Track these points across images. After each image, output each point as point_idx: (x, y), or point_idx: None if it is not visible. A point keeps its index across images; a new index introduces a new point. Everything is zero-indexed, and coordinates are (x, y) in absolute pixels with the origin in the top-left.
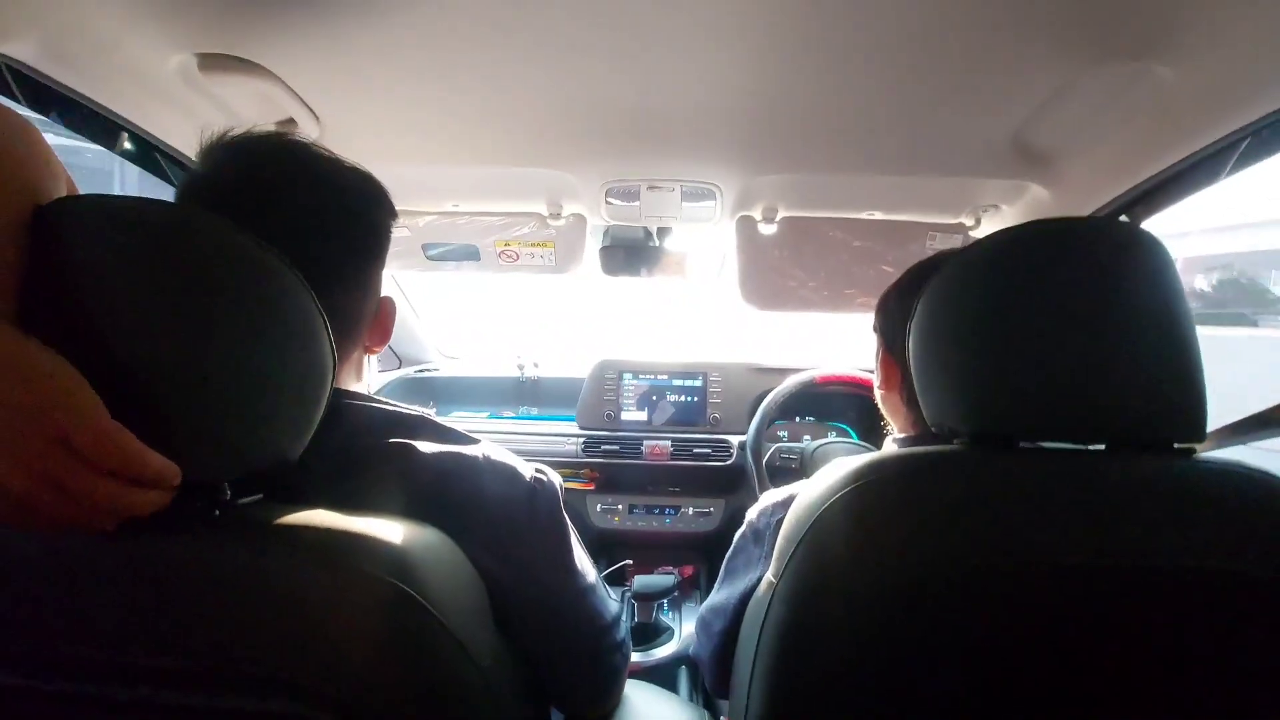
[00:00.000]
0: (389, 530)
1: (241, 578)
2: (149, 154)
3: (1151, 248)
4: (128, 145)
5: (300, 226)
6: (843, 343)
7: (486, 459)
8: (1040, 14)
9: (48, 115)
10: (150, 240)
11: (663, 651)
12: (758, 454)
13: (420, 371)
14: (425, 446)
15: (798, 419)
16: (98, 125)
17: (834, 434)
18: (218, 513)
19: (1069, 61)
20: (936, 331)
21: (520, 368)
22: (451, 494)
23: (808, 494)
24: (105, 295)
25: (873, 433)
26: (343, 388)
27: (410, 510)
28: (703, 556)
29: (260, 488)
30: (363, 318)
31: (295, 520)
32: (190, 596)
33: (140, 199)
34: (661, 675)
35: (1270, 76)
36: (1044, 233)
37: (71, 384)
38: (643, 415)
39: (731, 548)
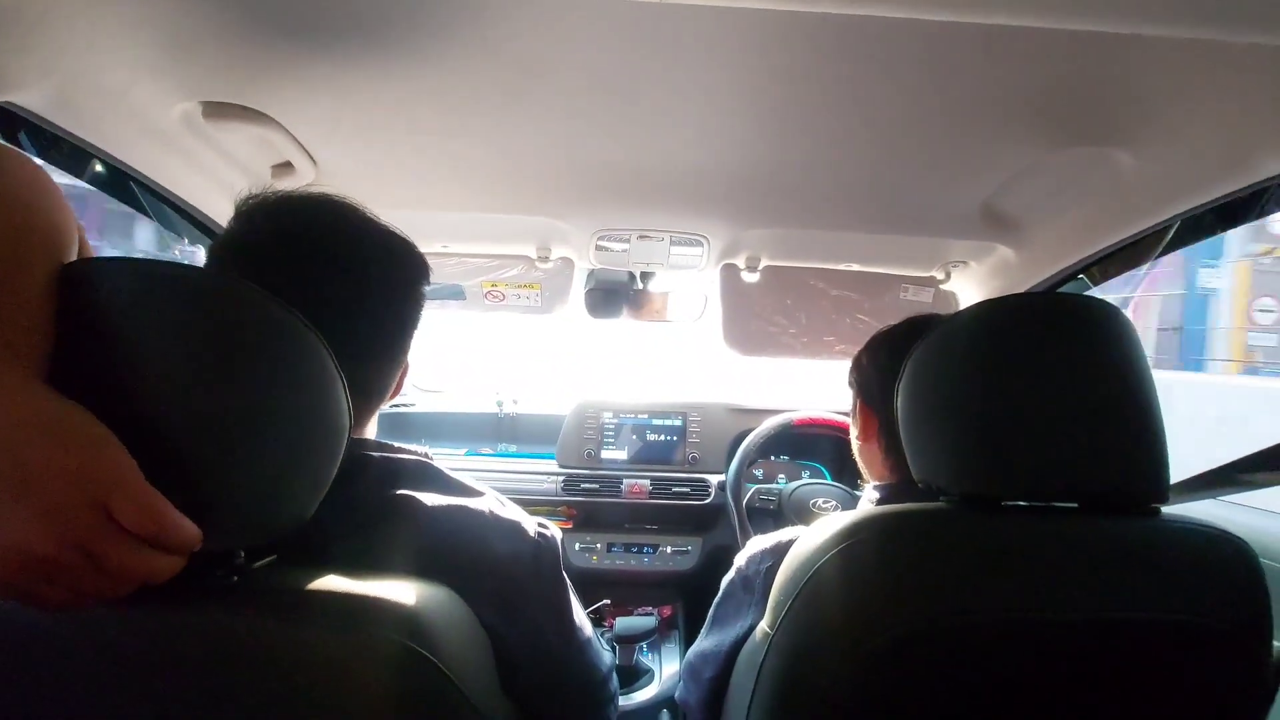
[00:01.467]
0: (404, 592)
1: (265, 648)
2: (146, 198)
3: (1117, 321)
4: (125, 188)
5: (346, 299)
6: (826, 378)
7: (493, 514)
8: (1014, 101)
9: (51, 162)
10: (187, 306)
11: (644, 695)
12: (737, 495)
13: (395, 406)
14: (431, 500)
15: (773, 458)
16: (97, 169)
17: (807, 473)
18: (236, 579)
19: (1038, 143)
20: (923, 398)
21: (499, 404)
22: (459, 551)
23: (803, 547)
24: (140, 359)
25: (845, 472)
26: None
27: (419, 567)
28: (680, 595)
29: (273, 548)
30: (394, 380)
31: (313, 586)
32: (215, 669)
33: (171, 263)
34: (644, 718)
35: (1214, 170)
36: (1020, 308)
37: (113, 450)
38: (622, 454)
39: (720, 594)
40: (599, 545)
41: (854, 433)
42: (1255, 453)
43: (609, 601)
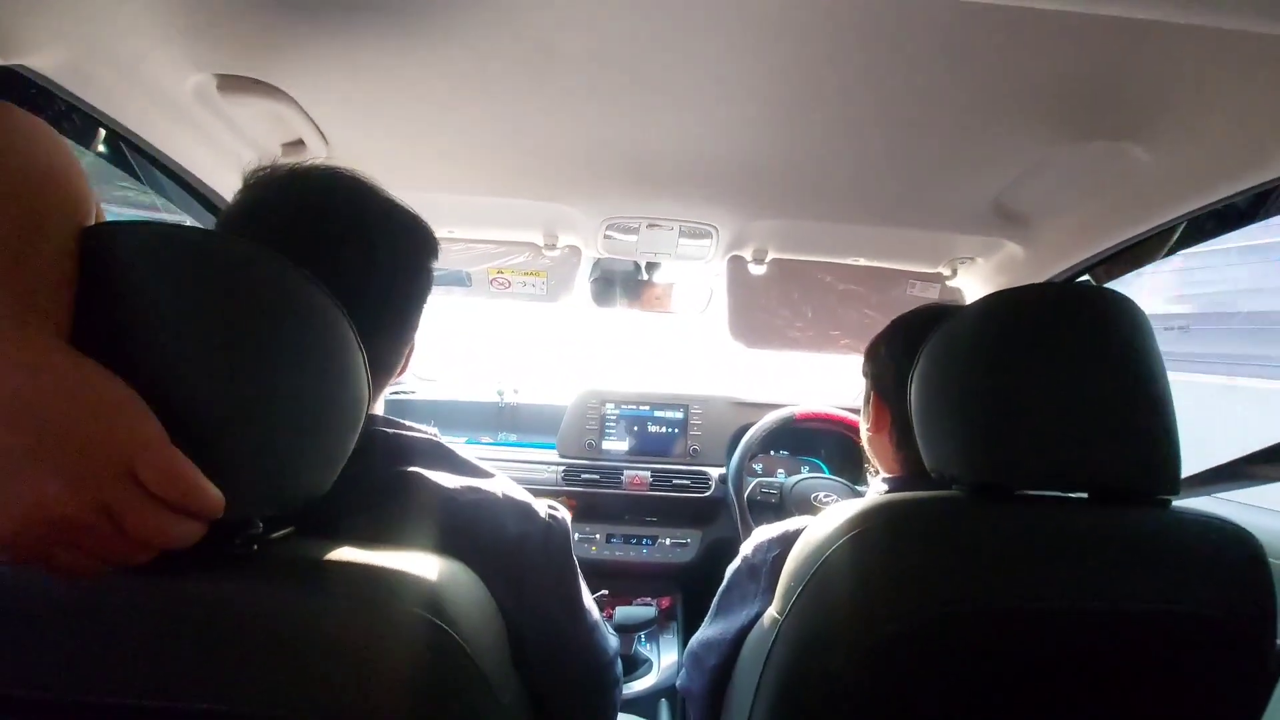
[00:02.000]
0: (425, 567)
1: (285, 619)
2: (153, 170)
3: (1132, 312)
4: (132, 159)
5: (354, 271)
6: (830, 372)
7: (505, 495)
8: (1030, 92)
9: (56, 128)
10: (211, 272)
11: (642, 684)
12: (739, 488)
13: (395, 394)
14: (444, 479)
15: (772, 453)
16: (103, 138)
17: (807, 468)
18: (255, 548)
19: (1053, 137)
20: (938, 386)
21: (500, 394)
22: (471, 530)
23: (813, 534)
24: (163, 324)
25: (845, 468)
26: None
27: (431, 544)
28: (679, 587)
29: (290, 520)
30: (402, 357)
31: (332, 557)
32: (233, 639)
33: (197, 229)
34: (642, 708)
35: (1231, 167)
36: (1036, 298)
37: (139, 413)
38: (623, 445)
39: (725, 583)
40: (598, 536)
41: (865, 424)
42: (1267, 447)
43: (607, 592)
